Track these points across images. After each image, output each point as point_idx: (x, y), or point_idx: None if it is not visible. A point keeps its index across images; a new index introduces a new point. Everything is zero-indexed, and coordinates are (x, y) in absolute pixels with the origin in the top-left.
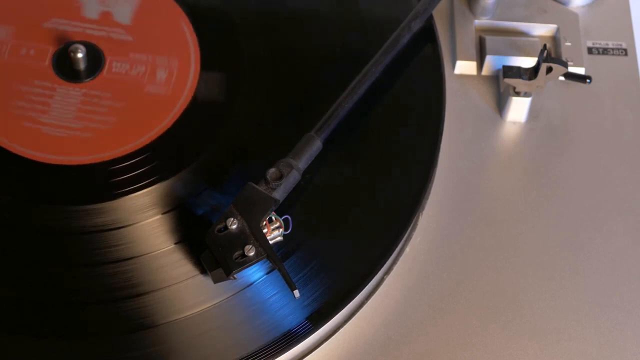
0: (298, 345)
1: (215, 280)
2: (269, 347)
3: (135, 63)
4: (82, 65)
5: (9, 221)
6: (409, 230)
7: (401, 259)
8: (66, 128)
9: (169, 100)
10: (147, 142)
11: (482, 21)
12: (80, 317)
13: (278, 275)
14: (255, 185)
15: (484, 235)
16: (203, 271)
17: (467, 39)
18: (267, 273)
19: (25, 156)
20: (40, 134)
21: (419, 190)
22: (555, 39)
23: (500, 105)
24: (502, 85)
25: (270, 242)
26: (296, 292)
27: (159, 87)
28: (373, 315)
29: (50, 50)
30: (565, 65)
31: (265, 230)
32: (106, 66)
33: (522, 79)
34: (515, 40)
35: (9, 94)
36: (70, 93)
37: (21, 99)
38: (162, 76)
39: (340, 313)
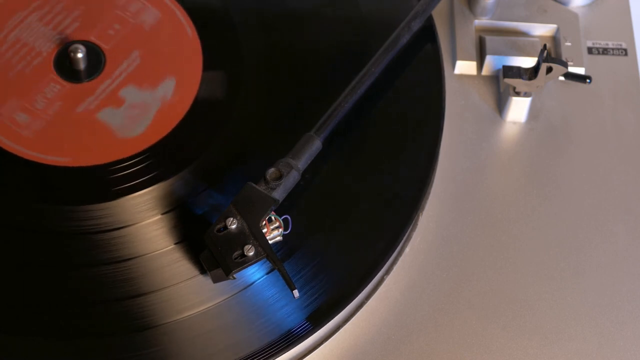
0: (298, 345)
1: (215, 280)
2: (269, 347)
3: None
4: (82, 65)
5: (9, 221)
6: (409, 230)
7: (401, 259)
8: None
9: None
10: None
11: (482, 21)
12: (80, 317)
13: (278, 275)
14: (254, 185)
15: (484, 235)
16: (203, 271)
17: (467, 39)
18: (267, 273)
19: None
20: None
21: (419, 190)
22: (555, 39)
23: (500, 105)
24: (502, 85)
25: (270, 242)
26: (296, 292)
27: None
28: (373, 315)
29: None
30: (565, 65)
31: (264, 230)
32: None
33: (522, 79)
34: (515, 40)
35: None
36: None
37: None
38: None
39: (340, 313)
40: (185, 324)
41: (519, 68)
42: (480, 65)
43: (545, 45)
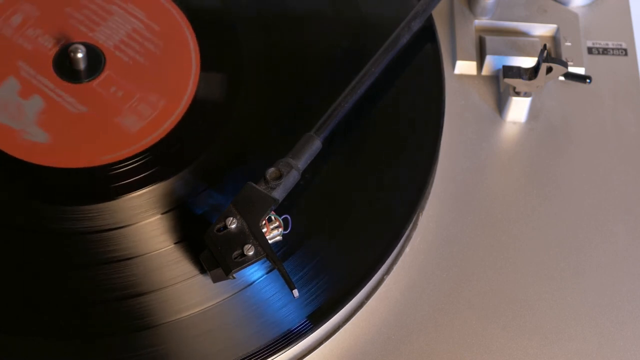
0: (298, 345)
1: (215, 280)
2: (269, 347)
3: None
4: (82, 65)
5: (9, 221)
6: (409, 230)
7: (401, 259)
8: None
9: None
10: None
11: (482, 21)
12: (80, 317)
13: (278, 275)
14: (254, 185)
15: (484, 235)
16: (203, 271)
17: (467, 39)
18: (267, 273)
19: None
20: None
21: (419, 190)
22: (555, 39)
23: (500, 105)
24: (502, 85)
25: (270, 241)
26: (295, 292)
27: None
28: (373, 315)
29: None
30: (565, 65)
31: (264, 230)
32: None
33: (522, 79)
34: (515, 40)
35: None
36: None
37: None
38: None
39: (340, 313)
40: (185, 324)
41: (519, 68)
42: (480, 65)
43: (545, 45)
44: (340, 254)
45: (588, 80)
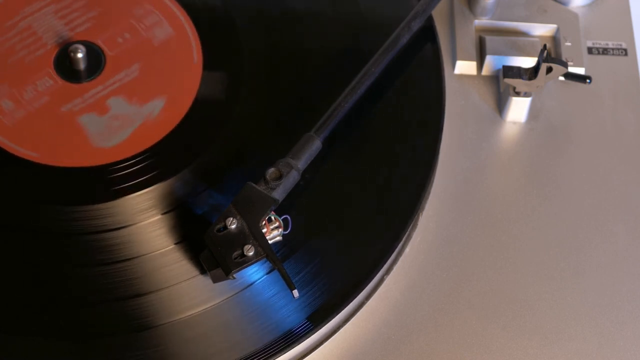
0: (298, 345)
1: (215, 280)
2: (269, 347)
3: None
4: (82, 65)
5: (9, 221)
6: (409, 230)
7: (401, 259)
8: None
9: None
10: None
11: (482, 21)
12: (80, 318)
13: (278, 276)
14: (254, 185)
15: (484, 235)
16: (203, 271)
17: (467, 39)
18: (267, 273)
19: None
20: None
21: (419, 190)
22: (555, 39)
23: (500, 105)
24: (502, 85)
25: (270, 241)
26: (295, 292)
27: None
28: (373, 315)
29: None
30: (565, 65)
31: (264, 230)
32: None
33: (522, 79)
34: (515, 40)
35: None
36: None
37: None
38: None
39: (340, 313)
40: (185, 324)
41: (519, 68)
42: (480, 65)
43: (545, 45)
44: (340, 254)
45: (588, 80)
